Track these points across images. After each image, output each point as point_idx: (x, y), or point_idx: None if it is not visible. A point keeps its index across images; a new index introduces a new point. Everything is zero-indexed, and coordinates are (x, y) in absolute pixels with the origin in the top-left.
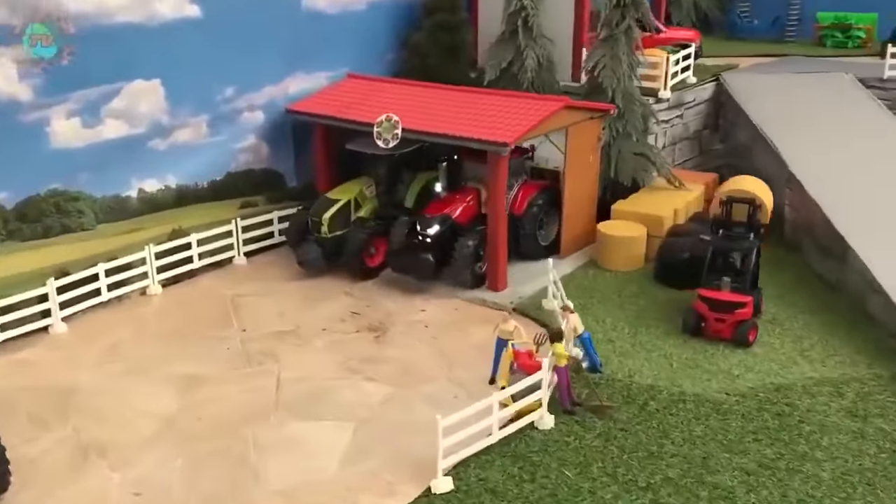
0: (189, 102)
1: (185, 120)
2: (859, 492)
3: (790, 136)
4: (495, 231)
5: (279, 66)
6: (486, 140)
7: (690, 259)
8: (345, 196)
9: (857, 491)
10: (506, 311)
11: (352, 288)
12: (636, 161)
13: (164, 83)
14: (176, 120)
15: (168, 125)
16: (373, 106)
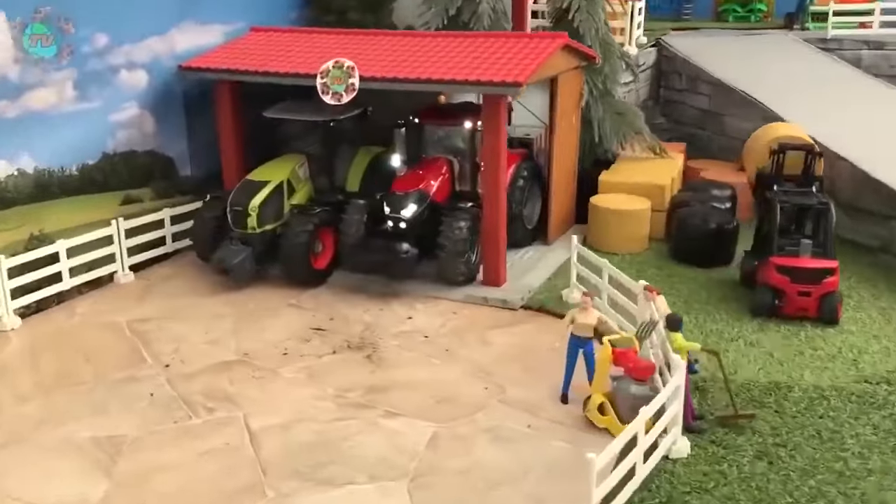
0: (46, 49)
1: (42, 76)
2: None
3: (775, 96)
4: (495, 207)
5: (164, 7)
6: (487, 81)
7: (719, 231)
8: (275, 177)
9: None
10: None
11: (298, 298)
12: (619, 122)
13: (9, 15)
14: (29, 74)
15: (18, 82)
16: (305, 56)
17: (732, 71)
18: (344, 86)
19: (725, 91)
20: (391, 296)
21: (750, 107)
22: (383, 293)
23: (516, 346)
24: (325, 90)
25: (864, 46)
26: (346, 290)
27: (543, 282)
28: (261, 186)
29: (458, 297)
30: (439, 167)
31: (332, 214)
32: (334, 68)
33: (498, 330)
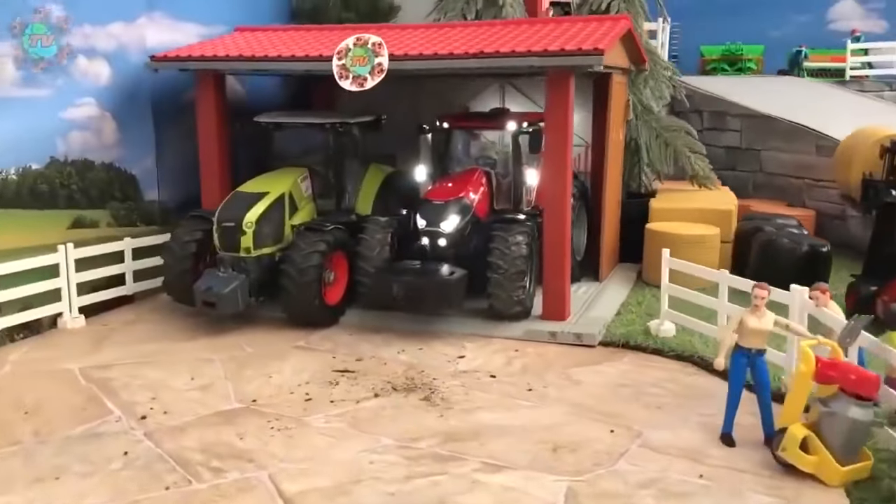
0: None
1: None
2: None
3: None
4: (560, 219)
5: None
6: (562, 51)
7: (812, 254)
8: (275, 189)
9: None
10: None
11: (307, 339)
12: (672, 141)
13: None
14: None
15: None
16: (307, 46)
17: (764, 103)
18: (369, 67)
19: (762, 123)
20: (429, 334)
21: (796, 136)
22: (417, 332)
23: (617, 384)
24: (343, 74)
25: (886, 87)
26: (367, 331)
27: (614, 316)
28: (257, 199)
29: (516, 334)
30: (478, 178)
31: (347, 234)
32: (356, 46)
33: (583, 368)
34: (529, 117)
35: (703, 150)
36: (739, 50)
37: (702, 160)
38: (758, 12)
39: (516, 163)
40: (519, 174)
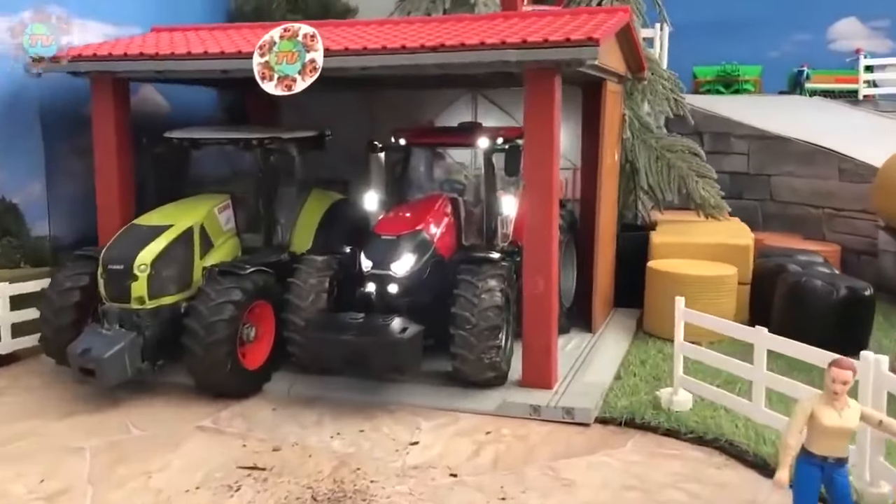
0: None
1: None
2: None
3: (849, 144)
4: (545, 259)
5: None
6: (545, 42)
7: (852, 298)
8: (180, 221)
9: None
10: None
11: (216, 417)
12: (680, 164)
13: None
14: None
15: None
16: (230, 43)
17: (774, 123)
18: (299, 65)
19: (774, 144)
20: (376, 408)
21: (814, 159)
22: (361, 405)
23: (621, 485)
24: (266, 74)
25: None
26: (297, 404)
27: (612, 381)
28: (156, 234)
29: (489, 408)
30: (441, 207)
31: (273, 279)
32: (283, 39)
33: (575, 460)
34: (506, 133)
35: (713, 175)
36: (736, 70)
37: (711, 186)
38: (754, 32)
39: (489, 188)
40: (493, 202)
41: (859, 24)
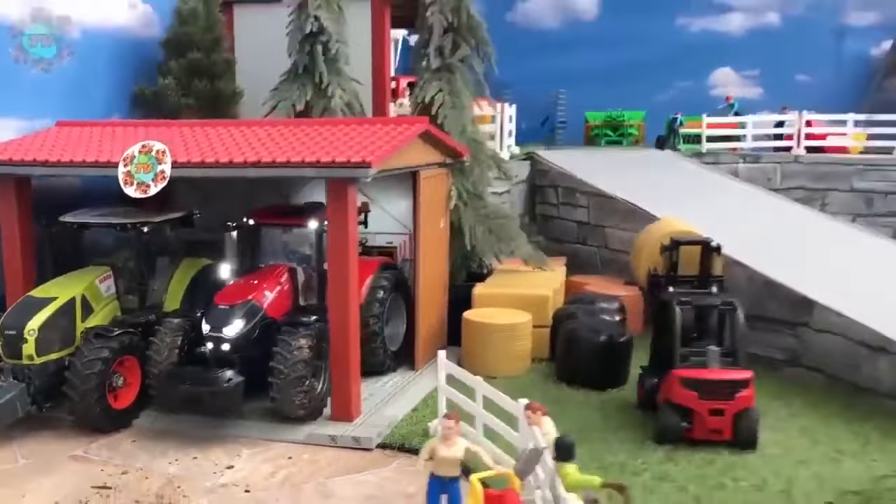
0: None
1: None
2: None
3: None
4: (344, 320)
5: None
6: (329, 162)
7: (609, 344)
8: (64, 294)
9: None
10: (445, 421)
11: (87, 448)
12: (499, 228)
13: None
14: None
15: None
16: (114, 146)
17: (611, 182)
18: (152, 174)
19: (606, 201)
20: (212, 440)
21: (634, 216)
22: (203, 437)
23: (367, 497)
24: (128, 180)
25: (741, 160)
26: (156, 435)
27: (408, 413)
28: (43, 304)
29: (299, 438)
30: (277, 276)
31: (138, 338)
32: (140, 154)
33: (346, 478)
34: None
35: (521, 238)
36: (621, 116)
37: (525, 246)
38: (642, 78)
39: (320, 259)
40: (324, 270)
41: (733, 73)
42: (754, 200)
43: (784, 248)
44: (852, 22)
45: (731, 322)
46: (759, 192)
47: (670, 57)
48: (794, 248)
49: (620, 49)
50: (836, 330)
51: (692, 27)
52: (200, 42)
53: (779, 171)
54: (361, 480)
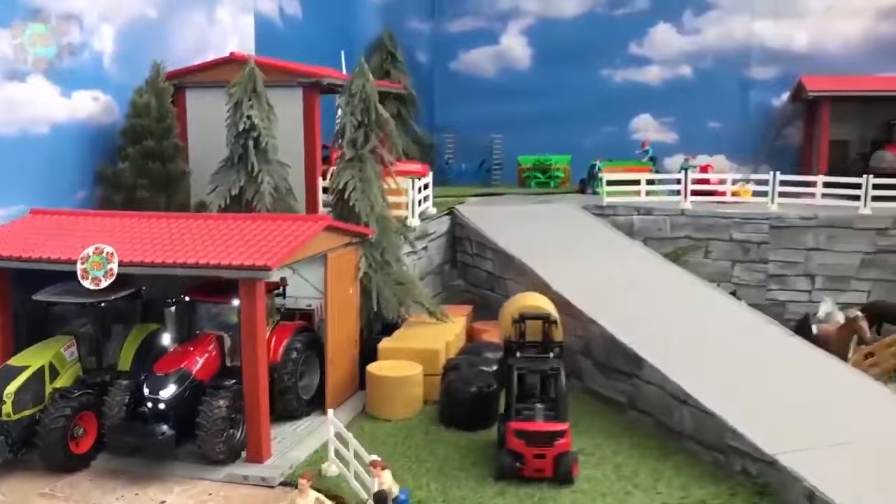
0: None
1: None
2: None
3: (543, 262)
4: (255, 384)
5: None
6: (238, 265)
7: (479, 394)
8: (35, 362)
9: None
10: (302, 484)
11: (54, 486)
12: (399, 291)
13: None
14: None
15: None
16: (75, 240)
17: (512, 239)
18: (103, 271)
19: (505, 258)
20: (151, 478)
21: (524, 272)
22: (144, 475)
23: None
24: (84, 275)
25: (636, 212)
26: (108, 474)
27: (310, 455)
28: (19, 372)
29: (219, 477)
30: (206, 343)
31: (94, 397)
32: (94, 255)
33: None
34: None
35: (422, 297)
36: (548, 160)
37: (427, 304)
38: (571, 124)
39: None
40: None
41: (652, 119)
42: (628, 257)
43: (635, 305)
44: (756, 76)
45: (555, 384)
46: (634, 248)
47: (595, 105)
48: (643, 305)
49: (551, 97)
50: (657, 382)
51: (615, 78)
52: (153, 131)
53: (668, 222)
54: None
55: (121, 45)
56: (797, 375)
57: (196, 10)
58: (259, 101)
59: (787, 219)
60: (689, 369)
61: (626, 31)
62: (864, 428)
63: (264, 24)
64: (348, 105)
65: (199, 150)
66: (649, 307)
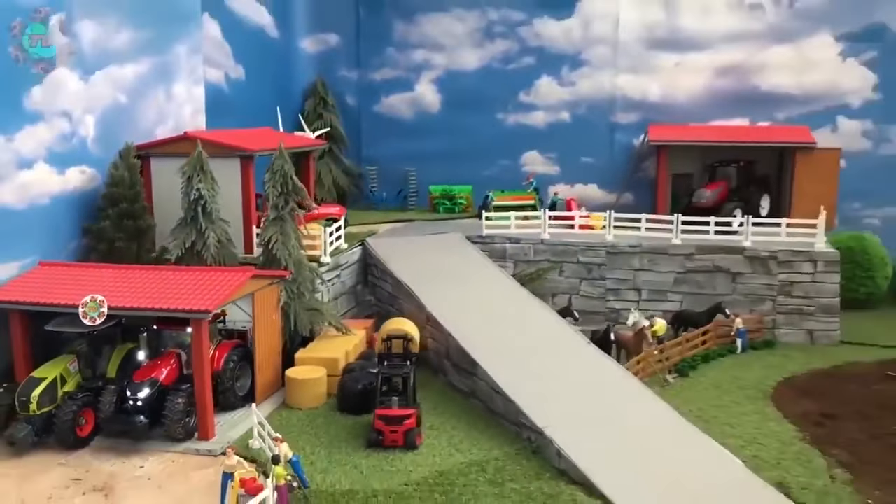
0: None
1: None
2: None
3: (426, 287)
4: (202, 387)
5: None
6: (188, 309)
7: (364, 390)
8: (50, 374)
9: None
10: (227, 452)
11: (66, 458)
12: (311, 315)
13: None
14: None
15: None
16: (74, 288)
17: (404, 267)
18: (97, 313)
19: (397, 282)
20: (134, 452)
21: (410, 295)
22: (129, 450)
23: (209, 482)
24: (84, 316)
25: (508, 241)
26: (103, 450)
27: (242, 434)
28: (39, 381)
29: (180, 450)
30: (169, 359)
31: (92, 397)
32: (90, 301)
33: (201, 471)
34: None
35: (331, 319)
36: (452, 190)
37: (334, 322)
38: (473, 158)
39: None
40: None
41: (538, 154)
42: (488, 282)
43: (482, 321)
44: (620, 120)
45: (408, 383)
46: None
47: (492, 142)
48: (487, 321)
49: (456, 136)
50: (485, 379)
51: (508, 120)
52: (126, 196)
53: (532, 249)
54: (208, 472)
55: (100, 129)
56: (579, 374)
57: (157, 89)
58: (205, 176)
59: (619, 246)
60: (504, 369)
61: (516, 83)
62: (613, 411)
63: (213, 90)
64: (271, 179)
65: (161, 206)
66: (492, 323)
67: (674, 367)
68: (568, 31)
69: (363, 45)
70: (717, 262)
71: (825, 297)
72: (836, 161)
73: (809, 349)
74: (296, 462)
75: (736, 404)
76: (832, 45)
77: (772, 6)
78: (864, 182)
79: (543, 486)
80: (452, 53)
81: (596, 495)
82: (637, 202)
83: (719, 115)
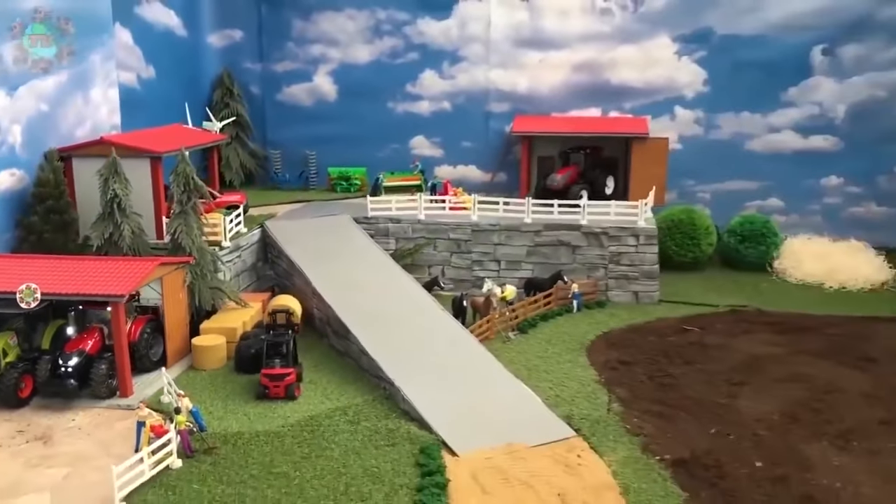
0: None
1: None
2: (352, 458)
3: (314, 264)
4: (121, 355)
5: None
6: (107, 294)
7: (256, 353)
8: None
9: (350, 458)
10: (140, 406)
11: (10, 415)
12: (212, 292)
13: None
14: None
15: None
16: (12, 276)
17: (296, 247)
18: (32, 298)
19: (289, 262)
20: (67, 408)
21: (301, 272)
22: (62, 407)
23: (127, 429)
24: (21, 301)
25: (390, 221)
26: (41, 408)
27: (156, 391)
28: None
29: (105, 406)
30: (93, 332)
31: (30, 366)
32: (26, 288)
33: (122, 422)
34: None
35: (231, 296)
36: (348, 172)
37: (232, 297)
38: (367, 142)
39: None
40: None
41: (425, 139)
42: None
43: (357, 294)
44: (494, 109)
45: (287, 347)
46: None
47: (383, 128)
48: (362, 294)
49: (351, 122)
50: (355, 342)
51: (397, 109)
52: (52, 194)
53: (410, 228)
54: (127, 422)
55: (26, 135)
56: (430, 335)
57: (75, 95)
58: (119, 177)
59: (482, 225)
60: (370, 334)
61: (403, 76)
62: (450, 364)
63: (127, 91)
64: (175, 180)
65: (83, 201)
66: (365, 295)
67: (517, 326)
68: (447, 31)
69: (265, 39)
70: (561, 237)
71: (646, 264)
72: (665, 148)
73: (633, 308)
74: (195, 412)
75: (557, 355)
76: (669, 46)
77: (619, 11)
78: (696, 163)
79: (389, 424)
80: (346, 48)
81: (425, 428)
82: (509, 181)
83: (577, 106)
